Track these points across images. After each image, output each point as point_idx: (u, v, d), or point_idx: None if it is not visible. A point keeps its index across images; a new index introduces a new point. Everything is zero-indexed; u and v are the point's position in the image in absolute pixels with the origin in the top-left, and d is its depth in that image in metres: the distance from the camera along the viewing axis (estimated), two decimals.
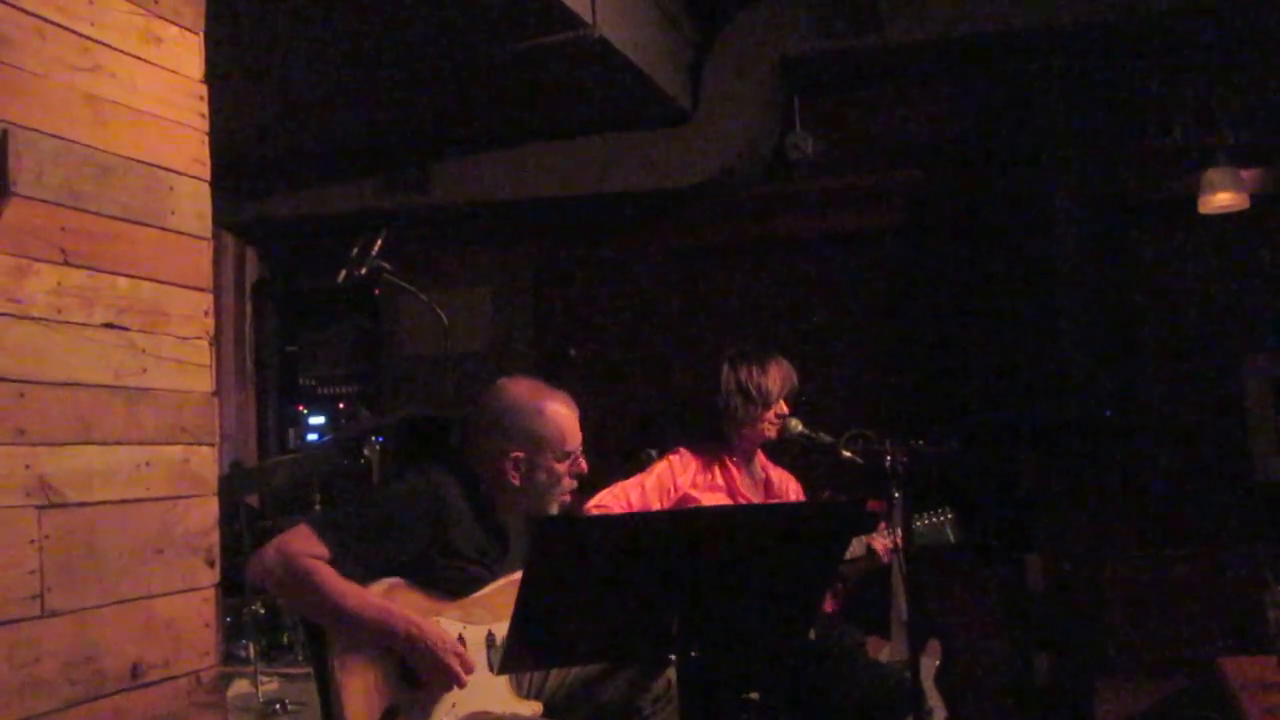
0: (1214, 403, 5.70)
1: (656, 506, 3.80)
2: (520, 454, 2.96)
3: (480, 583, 2.93)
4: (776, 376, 3.95)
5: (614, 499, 3.78)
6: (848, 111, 6.29)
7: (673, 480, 3.89)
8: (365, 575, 2.75)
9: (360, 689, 2.70)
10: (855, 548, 4.00)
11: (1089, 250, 5.41)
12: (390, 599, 2.77)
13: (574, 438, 3.02)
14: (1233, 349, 5.68)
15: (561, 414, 3.01)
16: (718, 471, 3.97)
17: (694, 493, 3.88)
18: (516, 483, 2.97)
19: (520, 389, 3.04)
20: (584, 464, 3.06)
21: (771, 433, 3.95)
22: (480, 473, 3.00)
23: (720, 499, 3.91)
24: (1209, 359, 5.74)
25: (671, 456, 3.97)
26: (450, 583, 2.88)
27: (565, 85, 5.41)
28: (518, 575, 2.90)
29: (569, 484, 3.04)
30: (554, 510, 3.04)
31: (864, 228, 6.23)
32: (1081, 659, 5.56)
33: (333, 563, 2.71)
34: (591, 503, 3.78)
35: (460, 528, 2.90)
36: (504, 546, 3.04)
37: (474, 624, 2.87)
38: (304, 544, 2.72)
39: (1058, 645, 5.60)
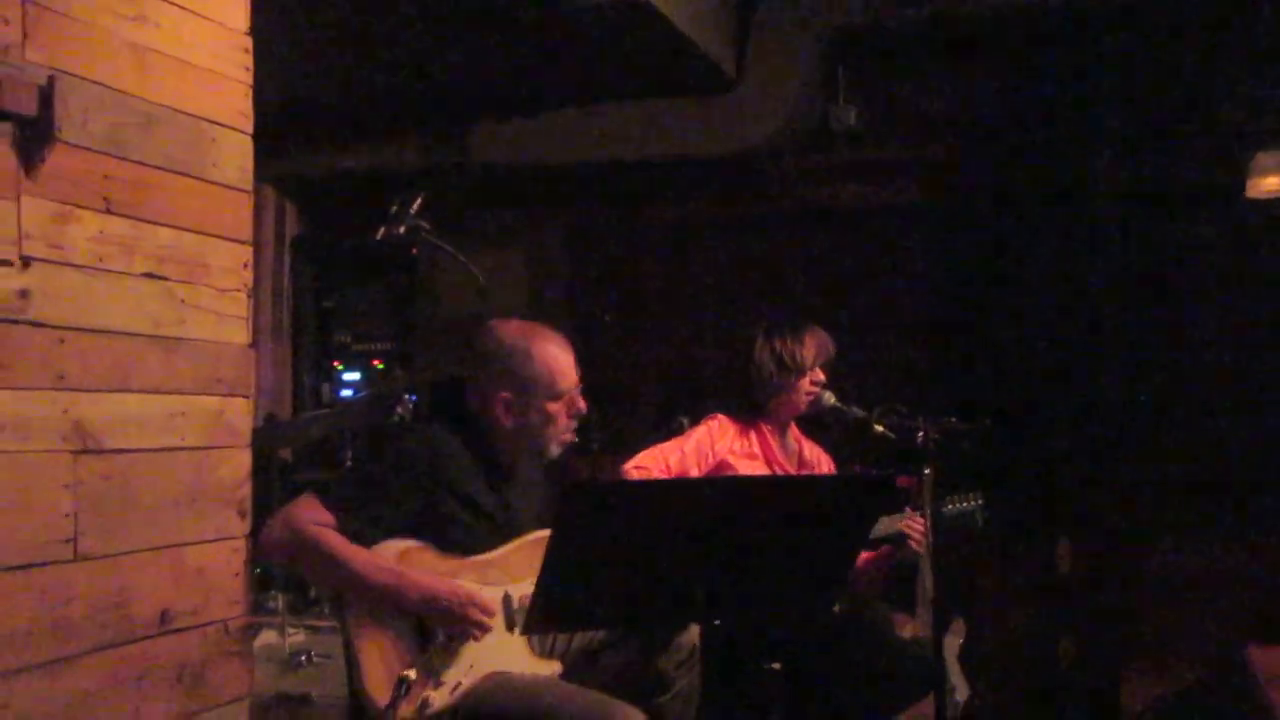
0: (1256, 387, 5.64)
1: (694, 471, 3.81)
2: (508, 395, 2.94)
3: (492, 540, 2.92)
4: (811, 344, 3.94)
5: (653, 461, 3.80)
6: (891, 84, 6.23)
7: (711, 445, 3.90)
8: (374, 536, 2.75)
9: (377, 651, 2.71)
10: (885, 526, 3.99)
11: (1130, 230, 5.37)
12: (403, 562, 2.76)
13: (566, 377, 2.98)
14: (1276, 333, 5.61)
15: (551, 353, 2.98)
16: (754, 439, 3.97)
17: (731, 459, 3.89)
18: (509, 424, 2.95)
19: (509, 330, 3.01)
20: (582, 403, 3.02)
21: (805, 404, 3.94)
22: (479, 417, 2.98)
23: (757, 466, 3.92)
24: (1252, 342, 5.67)
25: (710, 422, 3.97)
26: (464, 541, 2.87)
27: (607, 49, 5.38)
28: (534, 536, 2.93)
29: (566, 424, 3.01)
30: (555, 450, 3.03)
31: (903, 201, 6.18)
32: (1109, 644, 5.54)
33: (340, 528, 2.71)
34: (631, 464, 3.80)
35: (462, 474, 2.89)
36: (510, 497, 3.02)
37: (490, 585, 2.87)
38: (310, 512, 2.72)
39: (1085, 629, 5.58)
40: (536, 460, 3.09)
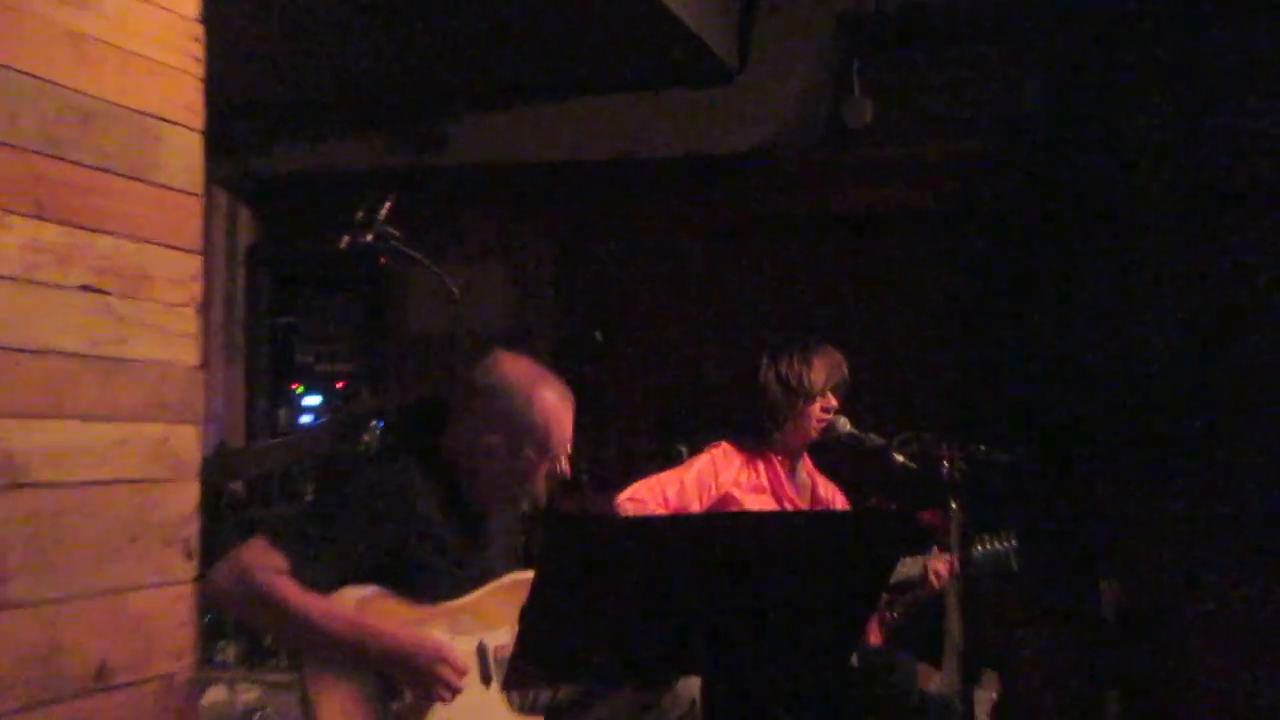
0: None
1: (695, 505, 3.82)
2: (496, 439, 2.96)
3: (463, 586, 2.93)
4: (822, 366, 3.94)
5: (650, 494, 3.79)
6: (912, 76, 6.25)
7: (714, 477, 3.90)
8: (333, 582, 2.75)
9: (337, 710, 2.69)
10: (908, 568, 3.98)
11: (1178, 237, 5.37)
12: (365, 611, 2.76)
13: (560, 435, 3.01)
14: None
15: (553, 405, 3.00)
16: (762, 470, 3.97)
17: (736, 492, 3.89)
18: (488, 470, 2.98)
19: (515, 367, 3.04)
20: (566, 467, 3.06)
21: (816, 431, 3.94)
22: (453, 453, 3.00)
23: (764, 501, 3.91)
24: None
25: (713, 450, 3.97)
26: (431, 587, 2.87)
27: (596, 36, 5.40)
28: (509, 579, 2.94)
29: (543, 485, 3.05)
30: (524, 505, 3.06)
31: (926, 205, 6.19)
32: (1159, 701, 5.53)
33: (295, 574, 2.70)
34: (625, 495, 3.79)
35: (431, 520, 2.89)
36: (481, 539, 3.04)
37: (462, 634, 2.86)
38: (260, 557, 2.70)
39: (1132, 684, 5.57)
40: (508, 506, 3.10)
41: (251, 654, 5.09)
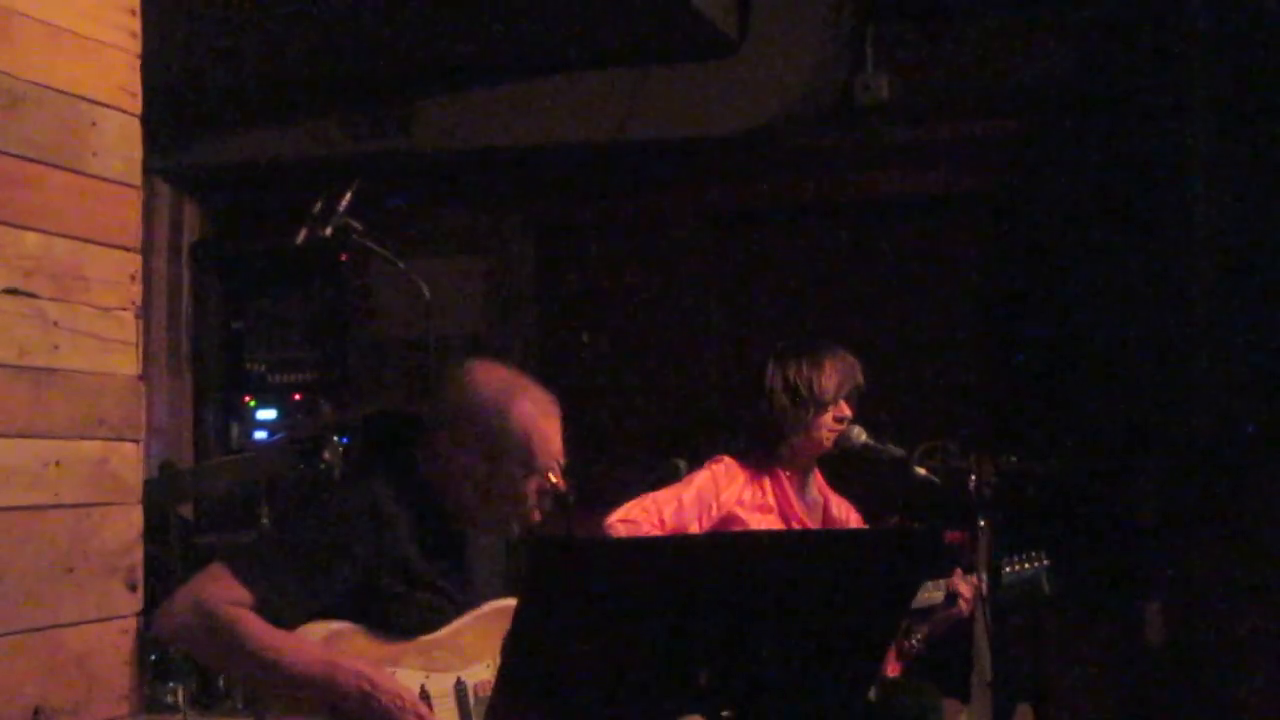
0: None
1: (694, 526, 3.81)
2: (472, 460, 2.96)
3: (439, 617, 2.93)
4: (834, 371, 3.94)
5: (644, 514, 3.79)
6: (933, 46, 6.26)
7: (715, 495, 3.90)
8: (298, 618, 2.75)
9: None
10: (930, 592, 3.99)
11: (1235, 224, 5.37)
12: (332, 647, 2.76)
13: (546, 450, 3.00)
14: None
15: (532, 418, 2.98)
16: (769, 488, 3.98)
17: (740, 511, 3.90)
18: (467, 491, 2.97)
19: (489, 378, 3.03)
20: (560, 483, 3.04)
21: (828, 443, 3.95)
22: (430, 475, 3.00)
23: (771, 521, 3.92)
24: None
25: (714, 466, 3.98)
26: (403, 618, 2.87)
27: (582, 5, 5.40)
28: (489, 608, 2.95)
29: (534, 504, 3.03)
30: (515, 530, 3.05)
31: (950, 190, 6.21)
32: None
33: (258, 608, 2.70)
34: (616, 516, 3.80)
35: (407, 546, 2.89)
36: (461, 567, 3.04)
37: (438, 671, 2.87)
38: (221, 590, 2.69)
39: (1182, 715, 5.58)
40: (496, 528, 3.10)
41: (202, 695, 5.09)
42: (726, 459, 4.00)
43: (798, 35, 5.97)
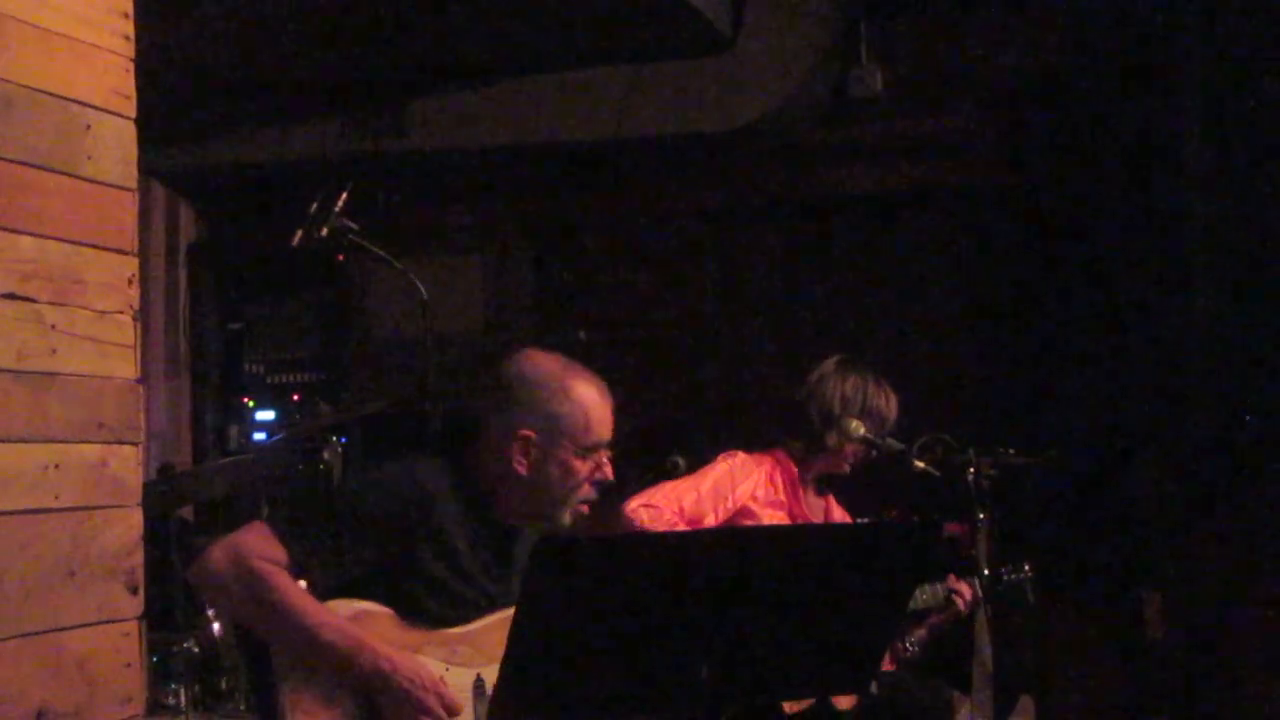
0: None
1: (710, 516, 3.89)
2: (531, 434, 2.98)
3: (472, 611, 2.94)
4: (895, 404, 4.00)
5: (665, 500, 3.86)
6: (926, 39, 6.26)
7: (732, 488, 3.97)
8: (330, 586, 2.80)
9: None
10: (927, 595, 4.03)
11: (1230, 215, 5.37)
12: (359, 627, 2.79)
13: (600, 431, 3.05)
14: None
15: (591, 398, 3.05)
16: (781, 487, 4.03)
17: (753, 505, 3.96)
18: (523, 472, 2.99)
19: (546, 361, 3.10)
20: (609, 469, 3.08)
21: (847, 467, 4.02)
22: (481, 461, 3.03)
23: (780, 517, 3.98)
24: None
25: (730, 460, 4.06)
26: (435, 606, 2.90)
27: (575, 3, 5.40)
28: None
29: (587, 491, 3.06)
30: (566, 518, 3.06)
31: (943, 184, 6.20)
32: None
33: (292, 569, 2.76)
34: (638, 502, 3.85)
35: (450, 531, 2.93)
36: (505, 564, 3.05)
37: (459, 665, 2.88)
38: (259, 544, 2.77)
39: (1182, 707, 5.58)
40: (540, 524, 3.10)
41: (205, 697, 5.09)
42: (741, 454, 4.07)
43: (792, 30, 5.96)
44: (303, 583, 2.80)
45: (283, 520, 2.85)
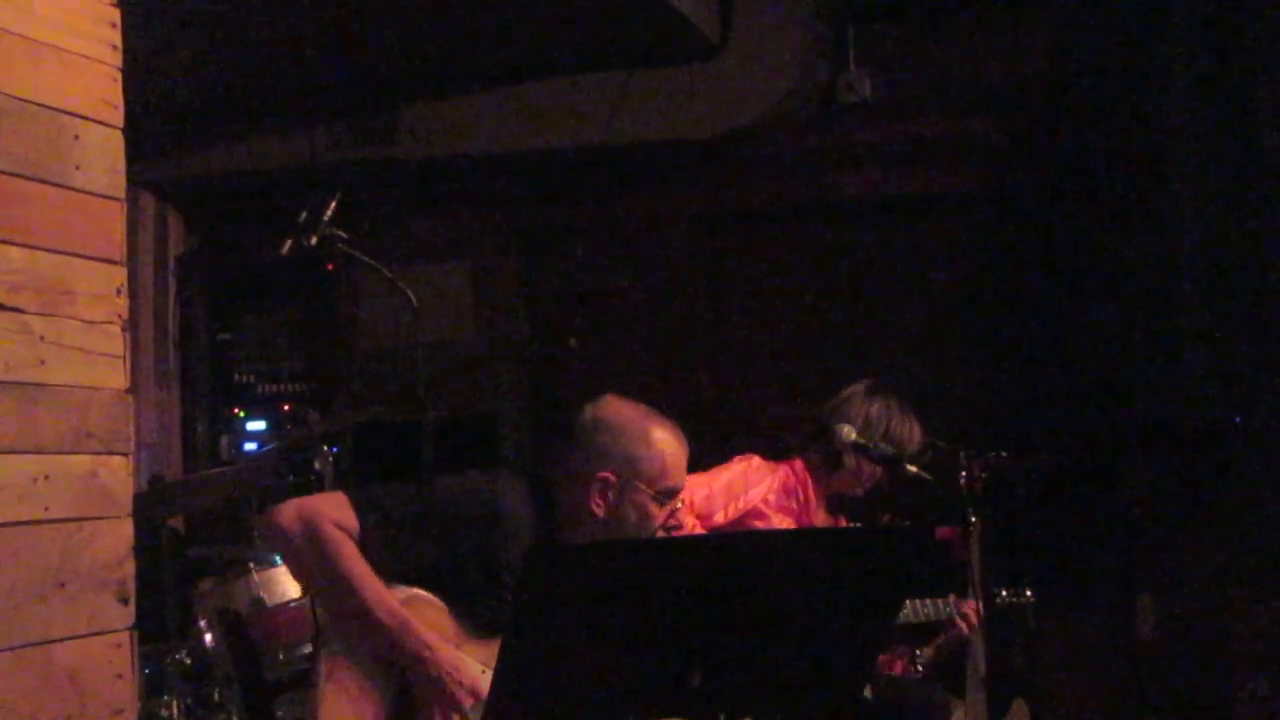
0: None
1: (719, 514, 3.93)
2: (611, 475, 3.06)
3: None
4: (918, 434, 4.02)
5: None
6: (915, 45, 6.26)
7: (744, 489, 4.03)
8: (392, 570, 2.89)
9: (346, 703, 2.79)
10: (930, 610, 4.05)
11: (1218, 217, 5.37)
12: (407, 610, 2.86)
13: (677, 477, 3.14)
14: None
15: (670, 445, 3.14)
16: (794, 495, 4.06)
17: (764, 508, 3.97)
18: (600, 513, 3.07)
19: (627, 408, 3.19)
20: (685, 520, 3.21)
21: (863, 490, 4.04)
22: (560, 495, 3.13)
23: (788, 524, 4.00)
24: None
25: (744, 462, 4.10)
26: (486, 613, 2.97)
27: (562, 11, 5.40)
28: None
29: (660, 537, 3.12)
30: None
31: (934, 190, 6.20)
32: None
33: (361, 542, 2.86)
34: None
35: (517, 545, 2.98)
36: None
37: (491, 670, 2.92)
38: (334, 510, 2.89)
39: (1174, 708, 5.58)
40: None
41: (198, 709, 5.07)
42: (755, 458, 4.12)
43: (779, 36, 5.97)
44: None
45: (364, 497, 2.94)
